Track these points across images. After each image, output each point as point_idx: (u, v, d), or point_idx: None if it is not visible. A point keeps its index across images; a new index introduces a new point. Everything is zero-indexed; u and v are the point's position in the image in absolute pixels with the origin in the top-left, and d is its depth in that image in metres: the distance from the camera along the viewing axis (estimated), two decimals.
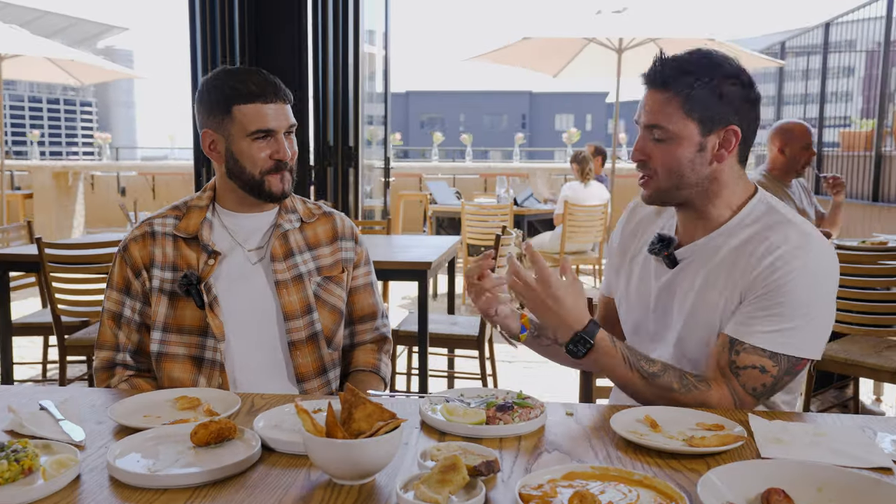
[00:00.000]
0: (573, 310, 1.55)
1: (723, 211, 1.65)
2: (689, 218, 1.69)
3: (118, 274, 1.90)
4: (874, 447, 1.34)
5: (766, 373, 1.55)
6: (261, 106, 1.80)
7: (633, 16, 7.40)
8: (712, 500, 1.05)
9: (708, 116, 1.57)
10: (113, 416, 1.46)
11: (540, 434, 1.42)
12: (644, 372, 1.56)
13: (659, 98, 1.59)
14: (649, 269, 1.75)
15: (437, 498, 1.09)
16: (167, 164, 11.90)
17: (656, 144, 1.61)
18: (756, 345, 1.54)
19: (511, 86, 54.67)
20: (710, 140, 1.59)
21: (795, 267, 1.53)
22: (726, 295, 1.60)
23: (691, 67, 1.58)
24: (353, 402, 1.24)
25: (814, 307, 1.55)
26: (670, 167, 1.60)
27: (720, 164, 1.61)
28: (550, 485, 1.15)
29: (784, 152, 4.01)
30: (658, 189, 1.64)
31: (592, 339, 1.55)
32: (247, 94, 1.80)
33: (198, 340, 1.85)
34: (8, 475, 1.15)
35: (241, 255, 1.91)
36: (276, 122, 1.82)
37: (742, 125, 1.60)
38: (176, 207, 1.95)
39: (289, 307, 1.87)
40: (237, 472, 1.23)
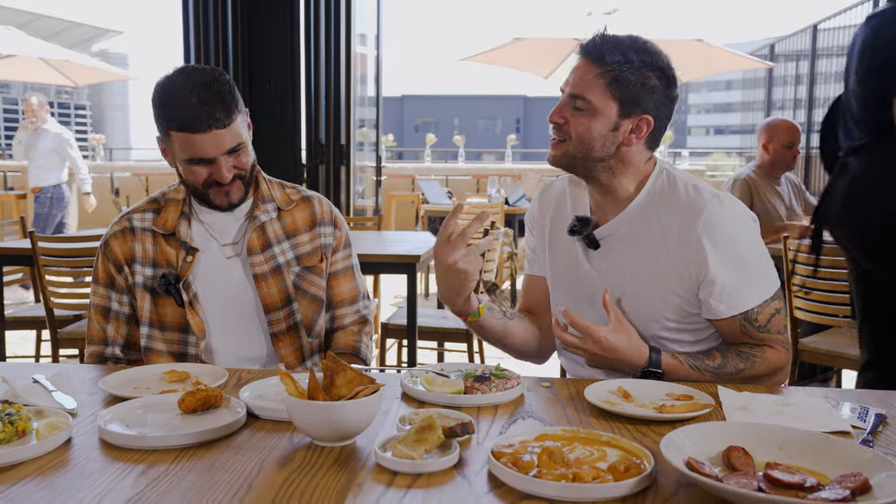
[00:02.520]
0: (630, 351, 1.61)
1: (628, 186, 1.74)
2: (599, 194, 1.77)
3: (101, 269, 1.92)
4: (834, 414, 1.40)
5: (780, 311, 1.70)
6: (193, 136, 1.72)
7: (624, 18, 7.47)
8: (675, 455, 1.10)
9: (629, 100, 1.65)
10: (104, 387, 1.50)
11: (516, 404, 1.48)
12: (711, 370, 1.65)
13: (590, 71, 1.66)
14: (575, 253, 1.80)
15: (412, 454, 1.14)
16: (161, 164, 11.91)
17: (574, 112, 1.68)
18: (759, 303, 1.67)
19: (506, 90, 54.77)
20: (624, 123, 1.67)
21: (725, 229, 1.65)
22: (667, 267, 1.68)
23: (627, 50, 1.65)
24: (335, 368, 1.29)
25: (758, 248, 1.70)
26: (582, 137, 1.67)
27: (628, 147, 1.69)
28: (522, 444, 1.20)
29: (767, 149, 4.08)
30: (566, 154, 1.70)
31: (659, 368, 1.63)
32: (179, 122, 1.73)
33: (179, 337, 1.87)
34: (2, 436, 1.20)
35: (218, 250, 1.91)
36: (210, 150, 1.75)
37: (656, 117, 1.69)
38: (154, 200, 1.95)
39: (268, 300, 1.89)
40: (223, 436, 1.28)
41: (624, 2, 7.32)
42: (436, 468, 1.14)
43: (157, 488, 1.09)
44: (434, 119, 52.16)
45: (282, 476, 1.13)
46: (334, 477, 1.13)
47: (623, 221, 1.74)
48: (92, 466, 1.17)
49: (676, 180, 1.73)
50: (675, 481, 1.11)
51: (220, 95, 1.73)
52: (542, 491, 1.06)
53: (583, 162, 1.70)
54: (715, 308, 1.67)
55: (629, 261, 1.72)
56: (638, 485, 1.07)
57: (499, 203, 6.99)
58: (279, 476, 1.13)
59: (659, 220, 1.69)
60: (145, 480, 1.11)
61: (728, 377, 1.65)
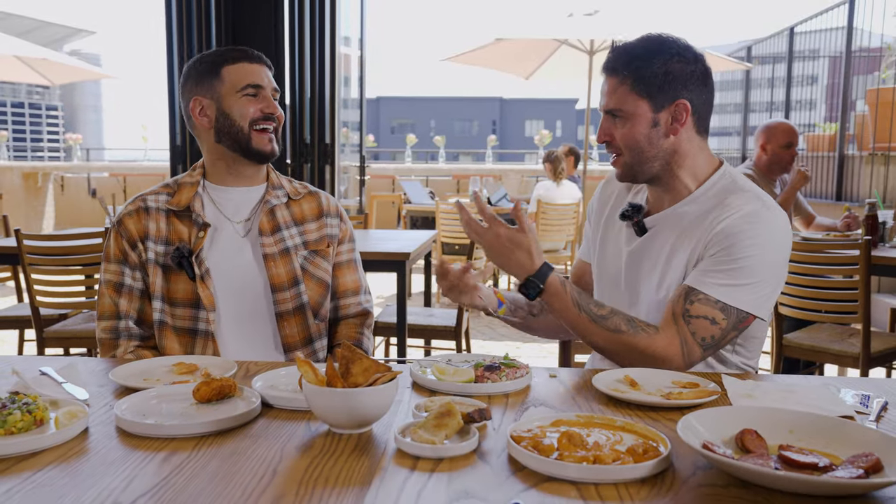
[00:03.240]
0: (524, 256, 1.66)
1: (688, 182, 1.77)
2: (658, 191, 1.82)
3: (114, 247, 1.95)
4: (838, 400, 1.44)
5: (715, 324, 1.65)
6: (247, 65, 1.93)
7: (605, 18, 7.53)
8: (692, 438, 1.13)
9: (657, 93, 1.70)
10: (114, 378, 1.50)
11: (526, 392, 1.50)
12: (592, 315, 1.66)
13: (613, 83, 1.73)
14: (621, 237, 1.88)
15: (433, 439, 1.16)
16: (139, 165, 11.83)
17: (616, 125, 1.74)
18: (709, 294, 1.64)
19: (482, 92, 54.92)
20: (661, 116, 1.71)
21: (752, 231, 1.65)
22: (688, 257, 1.72)
23: (638, 51, 1.71)
24: (351, 357, 1.30)
25: (765, 271, 1.67)
26: (630, 144, 1.73)
27: (676, 136, 1.73)
28: (540, 430, 1.22)
29: (766, 149, 4.14)
30: (625, 165, 1.76)
31: (542, 283, 1.66)
32: (234, 56, 1.93)
33: (191, 312, 1.90)
34: (21, 425, 1.20)
35: (230, 228, 1.97)
36: (264, 79, 1.94)
37: (691, 98, 1.71)
38: (167, 185, 2.00)
39: (276, 279, 1.94)
40: (240, 424, 1.29)
41: (605, 3, 7.37)
42: (457, 453, 1.15)
43: (182, 474, 1.09)
44: (410, 120, 52.13)
45: (304, 462, 1.14)
46: (356, 462, 1.15)
47: (673, 212, 1.78)
48: (113, 454, 1.17)
49: (738, 184, 1.74)
50: (691, 463, 1.14)
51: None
52: (563, 473, 1.08)
53: (641, 166, 1.74)
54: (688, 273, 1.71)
55: (665, 248, 1.76)
56: (657, 466, 1.09)
57: None
58: (301, 462, 1.15)
59: (707, 214, 1.71)
60: (168, 467, 1.12)
61: (605, 331, 1.64)
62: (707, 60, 1.77)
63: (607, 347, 1.67)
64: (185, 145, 5.41)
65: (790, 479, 1.01)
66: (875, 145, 6.88)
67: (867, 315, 3.41)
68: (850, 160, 7.29)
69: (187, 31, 5.40)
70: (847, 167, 7.32)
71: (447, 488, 1.05)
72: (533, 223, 1.71)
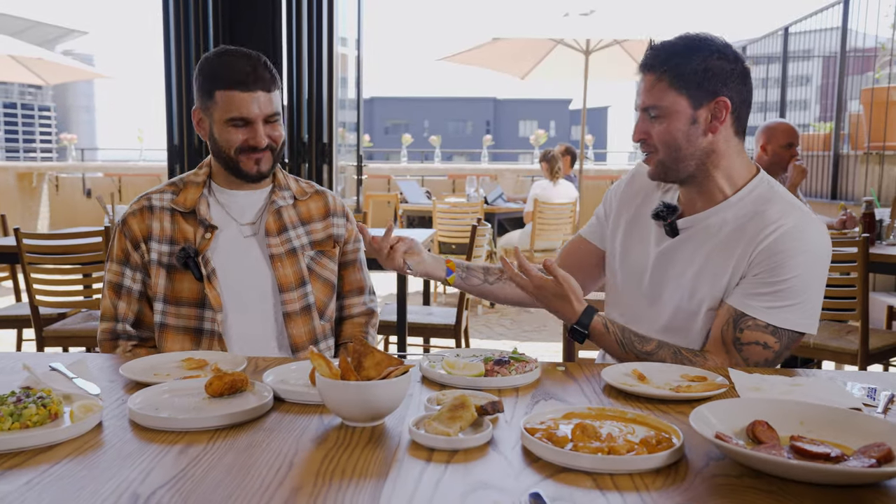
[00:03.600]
0: (564, 306, 1.71)
1: (723, 185, 1.73)
2: (692, 192, 1.77)
3: (117, 247, 1.95)
4: (845, 392, 1.45)
5: (768, 349, 1.64)
6: (239, 94, 1.83)
7: (601, 18, 7.55)
8: (705, 429, 1.14)
9: (696, 90, 1.66)
10: (125, 373, 1.51)
11: (535, 386, 1.51)
12: (638, 352, 1.67)
13: (651, 80, 1.71)
14: (649, 235, 1.83)
15: (448, 431, 1.17)
16: (135, 165, 11.80)
17: (653, 123, 1.71)
18: (759, 318, 1.62)
19: (476, 92, 54.96)
20: (700, 113, 1.68)
21: (797, 248, 1.62)
22: (730, 272, 1.68)
23: (678, 48, 1.69)
24: (363, 351, 1.31)
25: (812, 286, 1.65)
26: (667, 141, 1.70)
27: (714, 135, 1.69)
28: (553, 422, 1.23)
29: (766, 150, 4.16)
30: (660, 163, 1.73)
31: (586, 330, 1.70)
32: (228, 80, 1.83)
33: (196, 312, 1.90)
34: (36, 419, 1.20)
35: (236, 229, 1.96)
36: (254, 111, 1.85)
37: (731, 96, 1.68)
38: (173, 183, 2.00)
39: (283, 280, 1.94)
40: (254, 417, 1.30)
41: (601, 3, 7.39)
42: (471, 444, 1.16)
43: (199, 466, 1.10)
44: (404, 121, 52.13)
45: (319, 454, 1.15)
46: (371, 454, 1.15)
47: (709, 216, 1.74)
48: (128, 447, 1.17)
49: (776, 192, 1.72)
50: (704, 454, 1.15)
51: (265, 67, 1.87)
52: (578, 464, 1.08)
53: (676, 165, 1.71)
54: (728, 294, 1.68)
55: (699, 255, 1.72)
56: (671, 457, 1.10)
57: (478, 202, 7.03)
58: (317, 454, 1.15)
59: (746, 223, 1.69)
60: (185, 459, 1.13)
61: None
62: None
63: None
64: (183, 145, 5.40)
65: (804, 468, 1.02)
66: (870, 144, 6.92)
67: (865, 312, 3.43)
68: (845, 159, 7.33)
69: (185, 31, 5.39)
70: (842, 166, 7.35)
71: (464, 479, 1.06)
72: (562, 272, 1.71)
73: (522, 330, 6.26)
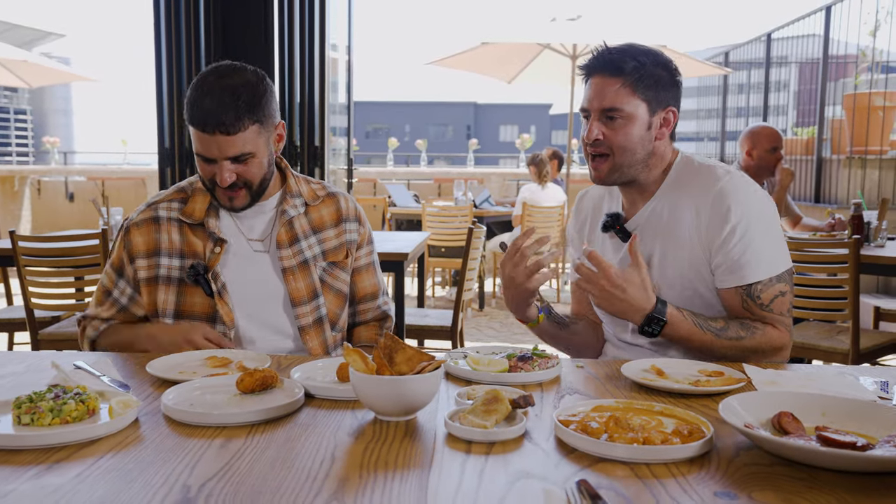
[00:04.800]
0: (640, 295, 1.68)
1: (656, 178, 1.85)
2: (632, 193, 1.88)
3: (116, 254, 1.94)
4: (859, 386, 1.49)
5: (785, 294, 1.76)
6: (199, 133, 1.76)
7: (588, 23, 7.62)
8: (734, 419, 1.18)
9: (653, 98, 1.77)
10: (151, 371, 1.52)
11: (557, 382, 1.54)
12: (714, 330, 1.71)
13: (612, 83, 1.76)
14: (607, 249, 1.91)
15: (485, 424, 1.20)
16: (118, 168, 11.71)
17: (610, 126, 1.77)
18: (761, 279, 1.72)
19: (456, 97, 55.04)
20: (654, 119, 1.79)
21: (734, 200, 1.73)
22: (688, 252, 1.77)
23: (636, 55, 1.77)
24: (394, 347, 1.34)
25: (770, 223, 1.76)
26: (624, 145, 1.77)
27: (660, 140, 1.81)
28: (583, 414, 1.26)
29: (752, 154, 4.23)
30: (612, 167, 1.80)
31: (664, 316, 1.69)
32: (191, 117, 1.77)
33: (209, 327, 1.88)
34: (76, 414, 1.22)
35: (246, 242, 1.93)
36: (213, 152, 1.77)
37: (676, 107, 1.82)
38: (181, 189, 1.96)
39: (296, 293, 1.91)
40: (288, 413, 1.32)
41: (587, 8, 7.46)
42: (507, 437, 1.19)
43: (243, 460, 1.12)
44: (385, 125, 52.10)
45: (359, 447, 1.17)
46: (410, 447, 1.18)
47: (649, 209, 1.84)
48: (168, 442, 1.19)
49: (693, 163, 1.84)
50: (733, 445, 1.19)
51: (235, 101, 1.74)
52: (615, 454, 1.12)
53: (628, 169, 1.79)
54: (719, 278, 1.76)
55: (654, 244, 1.81)
56: (703, 447, 1.14)
57: (467, 205, 7.06)
58: (357, 447, 1.17)
59: (680, 201, 1.79)
60: (227, 453, 1.14)
61: (728, 341, 1.71)
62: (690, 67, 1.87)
63: (731, 355, 1.72)
64: (174, 147, 5.38)
65: (834, 455, 1.06)
66: (852, 149, 7.04)
67: (856, 312, 3.49)
68: (828, 163, 7.44)
69: (176, 35, 5.37)
70: (825, 170, 7.47)
71: (505, 469, 1.09)
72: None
73: (512, 333, 6.29)
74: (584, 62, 1.83)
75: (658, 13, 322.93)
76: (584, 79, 1.83)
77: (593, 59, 1.80)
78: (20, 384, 1.49)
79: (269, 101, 1.81)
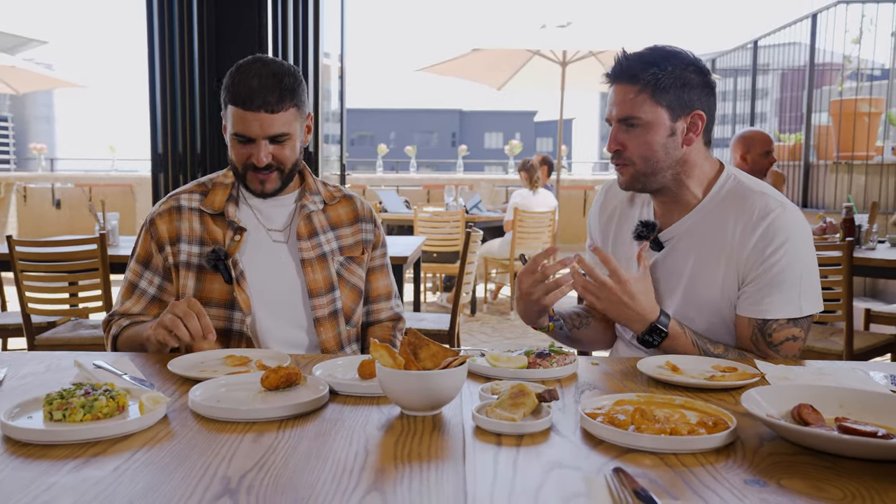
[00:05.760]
0: (647, 303, 1.69)
1: (696, 190, 1.80)
2: (666, 202, 1.83)
3: (142, 246, 1.96)
4: (870, 381, 1.53)
5: (797, 339, 1.74)
6: (241, 112, 1.82)
7: (577, 30, 7.69)
8: (757, 409, 1.20)
9: (675, 103, 1.72)
10: (172, 369, 1.53)
11: (574, 378, 1.56)
12: (711, 355, 1.71)
13: (629, 91, 1.73)
14: (633, 253, 1.85)
15: (513, 417, 1.22)
16: (106, 175, 11.65)
17: (630, 134, 1.74)
18: (780, 318, 1.71)
19: (441, 104, 55.16)
20: (678, 125, 1.73)
21: (783, 238, 1.69)
22: (722, 274, 1.75)
23: (654, 59, 1.72)
24: (418, 343, 1.35)
25: (807, 267, 1.73)
26: (644, 153, 1.74)
27: (689, 146, 1.76)
28: (607, 407, 1.28)
29: (746, 159, 4.29)
30: (634, 174, 1.77)
31: (666, 329, 1.70)
32: (236, 96, 1.83)
33: (225, 314, 1.91)
34: (106, 410, 1.23)
35: (265, 232, 1.98)
36: (253, 130, 1.83)
37: (705, 109, 1.75)
38: (201, 184, 2.01)
39: (313, 285, 1.95)
40: (315, 409, 1.33)
41: (577, 15, 7.53)
42: (535, 429, 1.21)
43: (277, 453, 1.13)
44: (370, 132, 52.15)
45: (390, 440, 1.19)
46: (440, 439, 1.19)
47: (688, 223, 1.79)
48: (200, 437, 1.20)
49: (745, 185, 1.78)
50: (756, 435, 1.21)
51: (279, 84, 1.83)
52: (643, 444, 1.14)
53: (652, 177, 1.76)
54: (740, 304, 1.74)
55: (689, 262, 1.78)
56: (729, 437, 1.16)
57: (459, 211, 7.09)
58: (388, 440, 1.19)
59: (724, 222, 1.74)
60: (261, 447, 1.15)
61: None
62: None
63: None
64: (167, 153, 5.36)
65: (858, 443, 1.09)
66: (839, 154, 7.13)
67: (850, 313, 3.55)
68: (815, 169, 7.54)
69: (169, 43, 5.36)
70: (812, 175, 7.56)
71: (538, 460, 1.11)
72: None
73: (504, 337, 6.32)
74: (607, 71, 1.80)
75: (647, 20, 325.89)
76: (609, 88, 1.80)
77: (614, 67, 1.76)
78: (42, 383, 1.50)
79: (305, 91, 1.92)
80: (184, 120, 5.21)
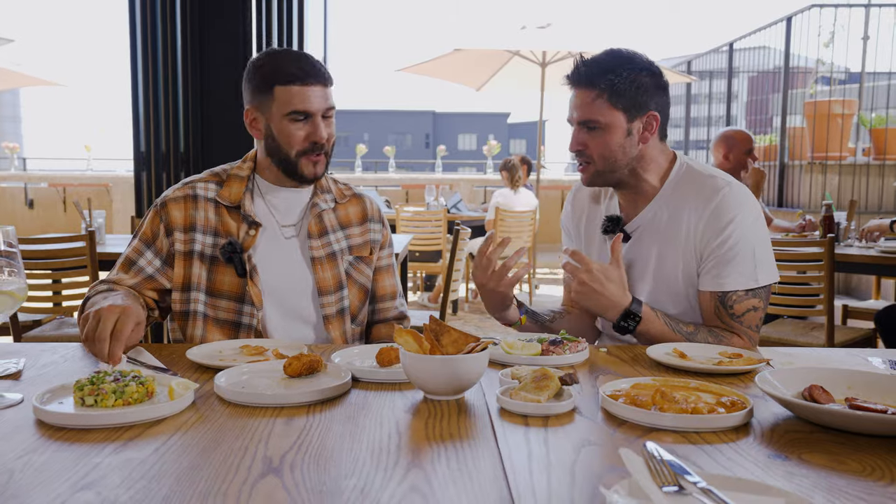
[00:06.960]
0: (616, 290, 1.76)
1: (654, 182, 1.92)
2: (628, 195, 1.95)
3: (148, 226, 1.95)
4: (869, 365, 1.58)
5: (757, 310, 1.82)
6: (299, 88, 1.86)
7: (557, 31, 7.76)
8: (773, 390, 1.25)
9: (631, 105, 1.83)
10: (191, 357, 1.55)
11: (587, 364, 1.60)
12: (684, 333, 1.79)
13: (587, 95, 1.85)
14: (605, 248, 1.97)
15: (538, 398, 1.25)
16: (81, 174, 11.52)
17: (590, 135, 1.86)
18: (738, 290, 1.79)
19: (415, 106, 55.16)
20: (634, 125, 1.85)
21: (732, 214, 1.80)
22: (682, 256, 1.85)
23: (611, 66, 1.83)
24: (439, 330, 1.39)
25: (760, 238, 1.83)
26: (604, 153, 1.86)
27: (645, 144, 1.87)
28: (626, 390, 1.32)
29: (728, 158, 4.37)
30: (595, 172, 1.89)
31: (639, 313, 1.77)
32: (287, 75, 1.86)
33: (235, 306, 1.92)
34: (136, 396, 1.24)
35: (277, 228, 1.98)
36: (314, 104, 1.88)
37: (659, 109, 1.87)
38: (216, 174, 2.01)
39: (323, 283, 1.96)
40: (339, 394, 1.35)
41: (557, 16, 7.60)
42: (560, 410, 1.25)
43: (312, 435, 1.16)
44: (344, 133, 51.96)
45: (420, 422, 1.22)
46: (468, 421, 1.23)
47: (649, 212, 1.91)
48: (231, 421, 1.22)
49: (695, 170, 1.90)
50: (771, 414, 1.26)
51: (321, 63, 1.90)
52: (666, 423, 1.18)
53: (612, 174, 1.87)
54: (701, 281, 1.84)
55: (654, 249, 1.88)
56: (747, 416, 1.21)
57: (441, 210, 7.12)
58: (417, 422, 1.22)
59: (681, 207, 1.85)
60: (294, 430, 1.18)
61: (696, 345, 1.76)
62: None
63: None
64: (150, 152, 5.33)
65: (873, 419, 1.14)
66: (813, 154, 7.27)
67: (831, 308, 3.63)
68: (790, 169, 7.68)
69: (152, 42, 5.33)
70: (787, 176, 7.70)
71: (568, 438, 1.14)
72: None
73: (486, 335, 6.35)
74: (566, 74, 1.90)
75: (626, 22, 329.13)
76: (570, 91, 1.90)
77: (572, 72, 1.87)
78: (62, 372, 1.51)
79: None
80: (167, 118, 5.17)
